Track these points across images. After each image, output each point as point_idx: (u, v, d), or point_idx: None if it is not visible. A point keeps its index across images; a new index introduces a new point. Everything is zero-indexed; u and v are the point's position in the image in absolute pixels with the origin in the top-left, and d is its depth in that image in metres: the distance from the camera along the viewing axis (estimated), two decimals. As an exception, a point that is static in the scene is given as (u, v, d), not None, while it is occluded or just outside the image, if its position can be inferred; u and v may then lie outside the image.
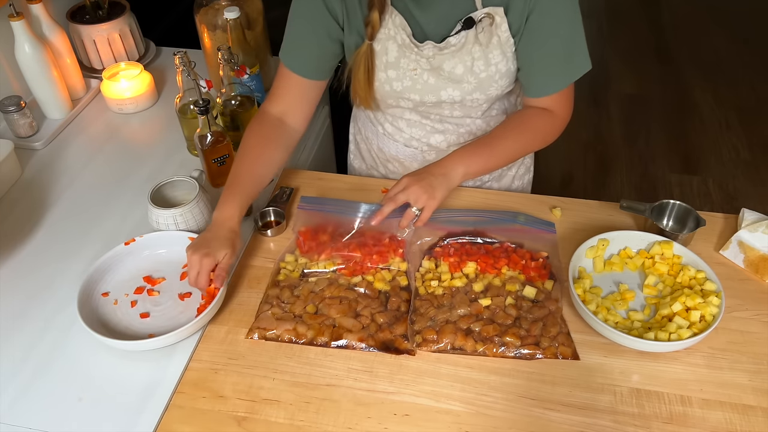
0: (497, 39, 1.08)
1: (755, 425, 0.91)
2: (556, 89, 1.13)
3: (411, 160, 1.33)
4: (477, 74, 1.12)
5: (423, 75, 1.14)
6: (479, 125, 1.26)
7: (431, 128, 1.26)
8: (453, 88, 1.15)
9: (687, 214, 1.19)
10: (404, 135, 1.30)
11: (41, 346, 1.03)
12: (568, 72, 1.12)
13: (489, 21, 1.07)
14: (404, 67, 1.13)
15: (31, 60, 1.40)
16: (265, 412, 0.94)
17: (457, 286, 1.08)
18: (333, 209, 1.20)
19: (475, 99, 1.17)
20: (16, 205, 1.29)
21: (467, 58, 1.10)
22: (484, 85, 1.14)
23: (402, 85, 1.16)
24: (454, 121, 1.24)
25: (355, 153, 1.50)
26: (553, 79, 1.12)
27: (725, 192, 2.76)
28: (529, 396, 0.95)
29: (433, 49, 1.10)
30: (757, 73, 3.45)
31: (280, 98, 1.19)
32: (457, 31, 1.08)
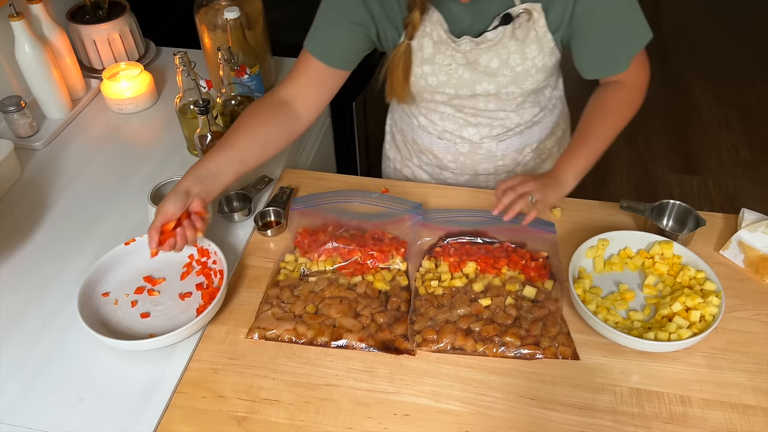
0: (534, 34, 1.09)
1: (755, 425, 0.91)
2: (625, 66, 1.12)
3: (444, 152, 1.33)
4: (513, 68, 1.12)
5: (458, 70, 1.14)
6: (513, 119, 1.26)
7: (464, 121, 1.27)
8: (488, 82, 1.15)
9: (687, 214, 1.19)
10: (437, 128, 1.30)
11: (41, 346, 1.03)
12: (629, 46, 1.11)
13: (527, 17, 1.07)
14: (439, 63, 1.14)
15: (31, 60, 1.40)
16: (265, 412, 0.94)
17: (457, 286, 1.08)
18: (327, 201, 1.21)
19: (510, 92, 1.17)
20: (16, 205, 1.29)
21: (503, 52, 1.10)
22: (520, 79, 1.14)
23: (437, 80, 1.16)
24: (487, 114, 1.24)
25: (390, 144, 1.51)
26: (615, 58, 1.12)
27: (725, 192, 2.76)
28: (529, 396, 0.95)
29: (470, 43, 1.10)
30: (757, 73, 3.44)
31: (294, 81, 1.16)
32: (495, 26, 1.08)
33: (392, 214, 1.20)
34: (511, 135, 1.29)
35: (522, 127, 1.28)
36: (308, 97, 1.17)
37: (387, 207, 1.22)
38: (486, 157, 1.32)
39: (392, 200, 1.23)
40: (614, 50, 1.11)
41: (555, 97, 1.32)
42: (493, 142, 1.29)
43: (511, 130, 1.28)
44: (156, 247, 1.00)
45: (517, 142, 1.31)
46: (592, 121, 1.15)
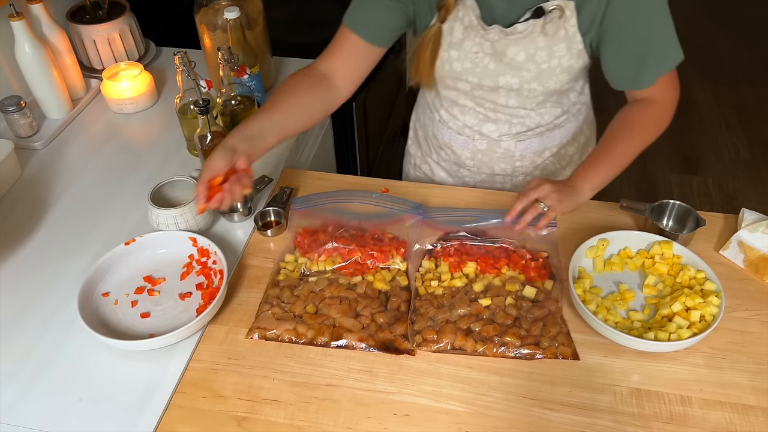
0: (564, 33, 1.08)
1: (755, 425, 0.91)
2: (653, 81, 1.12)
3: (462, 148, 1.34)
4: (538, 64, 1.12)
5: (484, 59, 1.14)
6: (533, 118, 1.26)
7: (484, 116, 1.26)
8: (512, 75, 1.15)
9: (687, 214, 1.19)
10: (458, 123, 1.30)
11: (41, 346, 1.03)
12: (658, 64, 1.11)
13: (559, 13, 1.07)
14: (467, 49, 1.14)
15: (31, 60, 1.40)
16: (265, 412, 0.94)
17: (457, 286, 1.08)
18: (326, 201, 1.21)
19: (533, 89, 1.17)
20: (16, 205, 1.29)
21: (531, 47, 1.10)
22: (544, 76, 1.14)
23: (462, 66, 1.16)
24: (507, 111, 1.24)
25: (413, 140, 1.51)
26: (642, 72, 1.11)
27: (725, 192, 2.76)
28: (529, 396, 0.95)
29: (500, 33, 1.10)
30: (757, 73, 3.45)
31: (332, 56, 1.18)
32: (526, 18, 1.08)
33: (392, 214, 1.20)
34: (531, 135, 1.28)
35: (542, 128, 1.27)
36: (346, 72, 1.18)
37: (387, 207, 1.22)
38: (504, 156, 1.31)
39: (392, 200, 1.23)
40: (641, 64, 1.10)
41: (580, 102, 1.31)
42: (512, 141, 1.29)
43: (530, 130, 1.27)
44: (204, 202, 1.00)
45: (536, 144, 1.30)
46: (617, 136, 1.14)
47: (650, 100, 1.14)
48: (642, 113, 1.14)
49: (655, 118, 1.15)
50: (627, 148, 1.13)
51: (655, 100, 1.14)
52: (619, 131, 1.14)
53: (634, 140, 1.13)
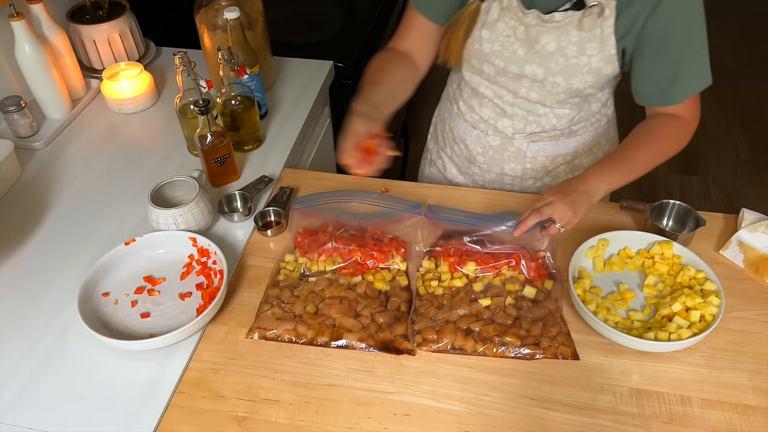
0: (599, 32, 1.08)
1: (755, 425, 0.91)
2: (680, 99, 1.12)
3: (475, 143, 1.34)
4: (567, 57, 1.12)
5: (514, 44, 1.14)
6: (549, 119, 1.25)
7: (501, 111, 1.26)
8: (539, 65, 1.14)
9: (687, 214, 1.19)
10: (474, 116, 1.31)
11: (41, 346, 1.03)
12: (690, 83, 1.11)
13: (598, 10, 1.06)
14: (499, 31, 1.14)
15: (31, 60, 1.40)
16: (265, 412, 0.94)
17: (457, 286, 1.08)
18: (326, 201, 1.21)
19: (556, 83, 1.16)
20: (16, 205, 1.29)
21: (563, 38, 1.10)
22: (570, 71, 1.13)
23: (491, 48, 1.16)
24: (526, 106, 1.23)
25: (432, 134, 1.52)
26: (672, 88, 1.11)
27: (725, 192, 2.76)
28: (529, 396, 0.95)
29: (536, 19, 1.10)
30: (757, 73, 3.45)
31: (405, 37, 1.24)
32: (566, 8, 1.08)
33: (392, 213, 1.20)
34: (545, 138, 1.28)
35: (558, 132, 1.27)
36: (421, 54, 1.25)
37: (387, 207, 1.22)
38: (515, 155, 1.31)
39: (392, 200, 1.23)
40: (673, 81, 1.10)
41: (601, 114, 1.30)
42: (524, 141, 1.28)
43: (545, 132, 1.27)
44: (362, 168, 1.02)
45: (550, 148, 1.29)
46: (640, 142, 1.13)
47: (677, 116, 1.14)
48: (667, 125, 1.14)
49: (679, 133, 1.15)
50: (647, 156, 1.13)
51: (681, 116, 1.14)
52: (642, 138, 1.14)
53: (655, 150, 1.13)
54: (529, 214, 1.06)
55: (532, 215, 1.06)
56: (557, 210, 1.04)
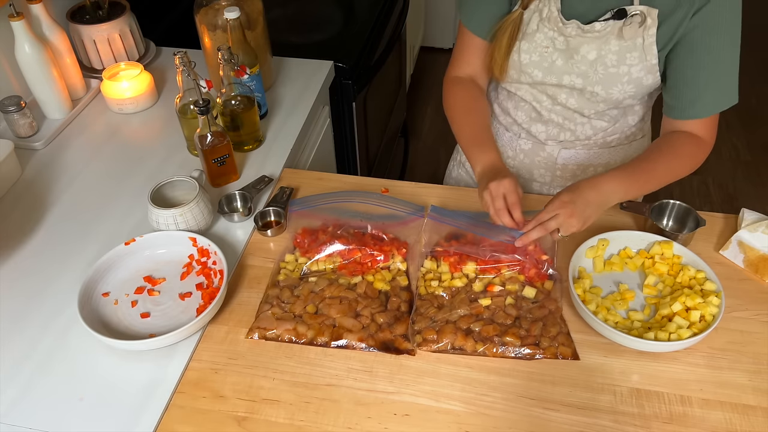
0: (641, 41, 1.07)
1: (755, 425, 0.91)
2: (704, 114, 1.11)
3: (506, 147, 1.33)
4: (607, 66, 1.10)
5: (553, 54, 1.13)
6: (584, 130, 1.24)
7: (537, 115, 1.25)
8: (578, 75, 1.13)
9: (687, 214, 1.19)
10: (508, 119, 1.30)
11: (41, 346, 1.03)
12: (718, 99, 1.09)
13: (640, 19, 1.05)
14: (537, 42, 1.13)
15: (31, 60, 1.40)
16: (265, 412, 0.94)
17: (457, 286, 1.08)
18: (324, 202, 1.21)
19: (595, 93, 1.15)
20: (16, 205, 1.30)
21: (604, 48, 1.09)
22: (609, 81, 1.12)
23: (529, 59, 1.15)
24: (563, 113, 1.22)
25: None
26: (702, 102, 1.10)
27: (725, 192, 2.77)
28: (529, 396, 0.95)
29: (577, 29, 1.09)
30: (757, 74, 3.45)
31: (467, 62, 1.23)
32: (606, 18, 1.07)
33: (395, 216, 1.20)
34: (578, 145, 1.27)
35: (591, 142, 1.26)
36: (483, 75, 1.25)
37: (388, 208, 1.21)
38: (545, 161, 1.30)
39: (394, 202, 1.23)
40: (700, 94, 1.09)
41: (638, 128, 1.28)
42: (556, 147, 1.27)
43: (579, 141, 1.26)
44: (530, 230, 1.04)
45: (582, 157, 1.28)
46: (660, 156, 1.11)
47: (694, 134, 1.13)
48: (686, 143, 1.12)
49: (697, 152, 1.13)
50: (665, 171, 1.11)
51: (699, 135, 1.13)
52: (663, 153, 1.12)
53: (673, 165, 1.12)
54: (534, 226, 1.04)
55: (536, 229, 1.03)
56: (564, 224, 1.01)
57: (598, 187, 1.04)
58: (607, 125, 1.23)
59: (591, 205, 1.02)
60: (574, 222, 1.01)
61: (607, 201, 1.05)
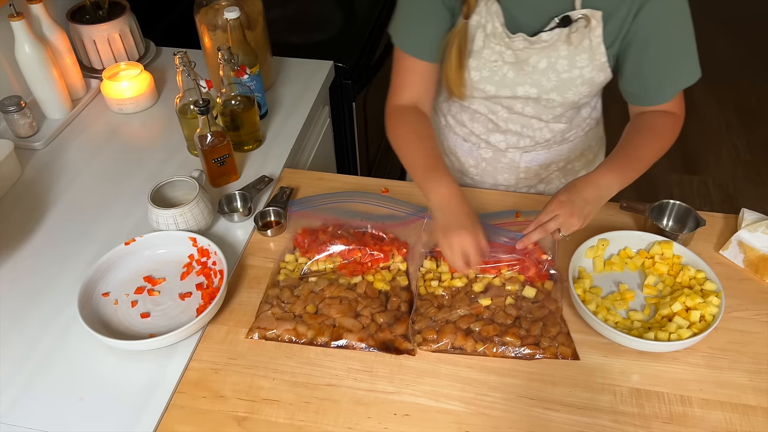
0: (588, 43, 1.07)
1: (755, 425, 0.91)
2: (671, 97, 1.11)
3: (467, 156, 1.32)
4: (559, 73, 1.10)
5: (503, 68, 1.12)
6: (543, 134, 1.24)
7: (494, 126, 1.25)
8: (531, 85, 1.13)
9: (687, 214, 1.19)
10: (464, 129, 1.29)
11: (42, 346, 1.03)
12: (682, 79, 1.09)
13: (585, 23, 1.05)
14: (486, 58, 1.12)
15: (31, 60, 1.40)
16: (265, 412, 0.94)
17: (457, 286, 1.08)
18: (324, 203, 1.21)
19: (551, 99, 1.15)
20: (16, 205, 1.29)
21: (553, 55, 1.09)
22: (564, 86, 1.12)
23: (479, 75, 1.14)
24: (521, 121, 1.22)
25: None
26: (662, 88, 1.10)
27: (725, 192, 2.76)
28: (529, 396, 0.95)
29: (524, 42, 1.08)
30: (757, 73, 3.45)
31: (408, 89, 1.17)
32: (551, 27, 1.07)
33: (395, 217, 1.20)
34: (538, 148, 1.27)
35: (551, 142, 1.26)
36: (426, 99, 1.19)
37: (389, 209, 1.21)
38: (508, 167, 1.30)
39: (392, 201, 1.23)
40: (662, 81, 1.09)
41: (591, 117, 1.29)
42: (517, 153, 1.27)
43: (538, 144, 1.26)
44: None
45: (543, 157, 1.28)
46: (642, 138, 1.11)
47: (665, 111, 1.13)
48: (661, 121, 1.13)
49: (674, 127, 1.13)
50: (651, 152, 1.11)
51: (671, 111, 1.13)
52: (643, 135, 1.12)
53: (657, 146, 1.12)
54: (534, 228, 1.03)
55: (537, 231, 1.03)
56: (564, 224, 1.01)
57: (594, 183, 1.04)
58: (565, 126, 1.24)
59: (589, 202, 1.02)
60: (575, 221, 1.01)
61: (604, 195, 1.04)
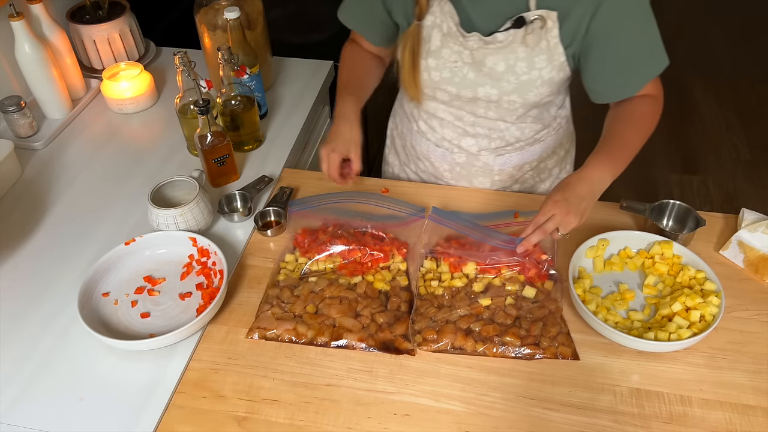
0: (546, 44, 1.06)
1: (755, 425, 0.91)
2: (640, 88, 1.10)
3: (441, 161, 1.32)
4: (518, 75, 1.10)
5: (463, 68, 1.12)
6: (512, 132, 1.24)
7: (463, 131, 1.25)
8: (491, 86, 1.13)
9: (687, 214, 1.19)
10: (436, 135, 1.29)
11: (42, 346, 1.03)
12: (650, 70, 1.09)
13: (540, 24, 1.04)
14: (445, 58, 1.12)
15: (31, 60, 1.40)
16: (265, 412, 0.94)
17: (457, 286, 1.08)
18: (323, 203, 1.21)
19: (512, 101, 1.15)
20: (16, 205, 1.29)
21: (511, 57, 1.08)
22: (524, 88, 1.12)
23: (440, 76, 1.15)
24: (487, 124, 1.23)
25: (390, 147, 1.50)
26: (627, 82, 1.10)
27: (725, 192, 2.76)
28: (529, 396, 0.95)
29: (479, 42, 1.08)
30: (757, 73, 3.45)
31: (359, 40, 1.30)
32: (506, 28, 1.06)
33: (395, 217, 1.20)
34: (510, 150, 1.27)
35: (522, 143, 1.26)
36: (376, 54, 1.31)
37: (389, 209, 1.21)
38: (482, 170, 1.30)
39: (392, 201, 1.23)
40: (627, 75, 1.09)
41: (560, 116, 1.29)
42: (491, 156, 1.27)
43: (510, 145, 1.26)
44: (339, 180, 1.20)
45: (516, 158, 1.29)
46: (626, 126, 1.11)
47: (645, 95, 1.12)
48: (641, 106, 1.12)
49: (654, 110, 1.13)
50: (637, 139, 1.10)
51: (648, 95, 1.13)
52: (626, 123, 1.11)
53: (641, 131, 1.11)
54: (533, 231, 1.03)
55: (535, 233, 1.03)
56: (562, 223, 1.01)
57: (586, 178, 1.04)
58: (533, 123, 1.25)
59: (584, 198, 1.02)
60: (572, 219, 1.01)
61: (597, 189, 1.05)
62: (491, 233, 1.12)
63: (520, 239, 1.06)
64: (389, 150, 1.50)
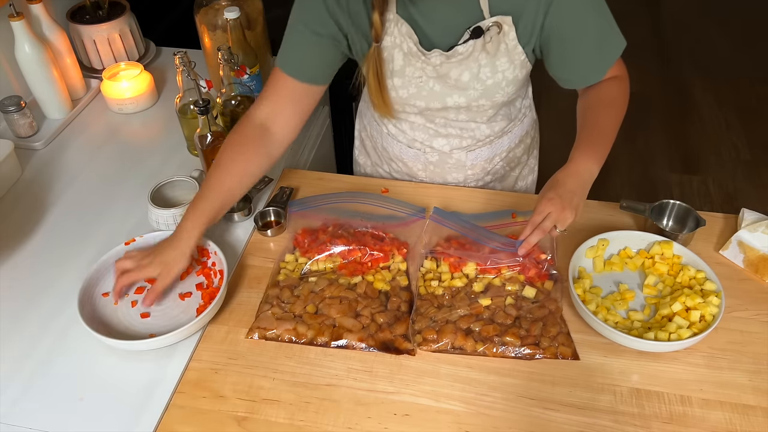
0: (505, 47, 1.08)
1: (755, 425, 0.91)
2: (604, 73, 1.11)
3: (414, 161, 1.33)
4: (483, 81, 1.12)
5: (428, 82, 1.14)
6: (483, 131, 1.26)
7: (434, 132, 1.26)
8: (459, 95, 1.14)
9: (687, 214, 1.19)
10: (407, 137, 1.30)
11: (42, 346, 1.03)
12: (605, 58, 1.10)
13: (497, 30, 1.05)
14: (410, 75, 1.13)
15: (31, 60, 1.40)
16: (265, 412, 0.94)
17: (457, 286, 1.08)
18: (323, 203, 1.21)
19: (481, 105, 1.17)
20: (16, 205, 1.29)
21: (474, 66, 1.10)
22: (490, 92, 1.14)
23: (408, 93, 1.16)
24: (458, 125, 1.24)
25: (360, 149, 1.49)
26: (590, 70, 1.11)
27: (725, 192, 2.76)
28: (529, 396, 0.95)
29: (440, 57, 1.09)
30: (757, 73, 3.44)
31: (269, 101, 1.13)
32: (465, 40, 1.07)
33: (395, 217, 1.20)
34: (481, 145, 1.29)
35: (492, 137, 1.28)
36: (284, 118, 1.13)
37: (389, 209, 1.21)
38: (455, 166, 1.31)
39: (392, 202, 1.22)
40: (588, 63, 1.11)
41: (524, 106, 1.32)
42: (462, 153, 1.29)
43: (480, 141, 1.28)
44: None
45: (486, 152, 1.30)
46: (599, 113, 1.11)
47: (610, 77, 1.13)
48: (610, 89, 1.13)
49: (623, 90, 1.13)
50: (612, 123, 1.11)
51: (615, 75, 1.13)
52: (599, 109, 1.12)
53: (615, 114, 1.12)
54: (531, 231, 1.04)
55: (534, 233, 1.03)
56: (558, 220, 1.01)
57: (574, 172, 1.05)
58: (502, 121, 1.26)
59: (576, 192, 1.03)
60: (568, 214, 1.01)
61: (587, 182, 1.06)
62: (491, 236, 1.12)
63: (519, 242, 1.06)
64: (359, 151, 1.50)
